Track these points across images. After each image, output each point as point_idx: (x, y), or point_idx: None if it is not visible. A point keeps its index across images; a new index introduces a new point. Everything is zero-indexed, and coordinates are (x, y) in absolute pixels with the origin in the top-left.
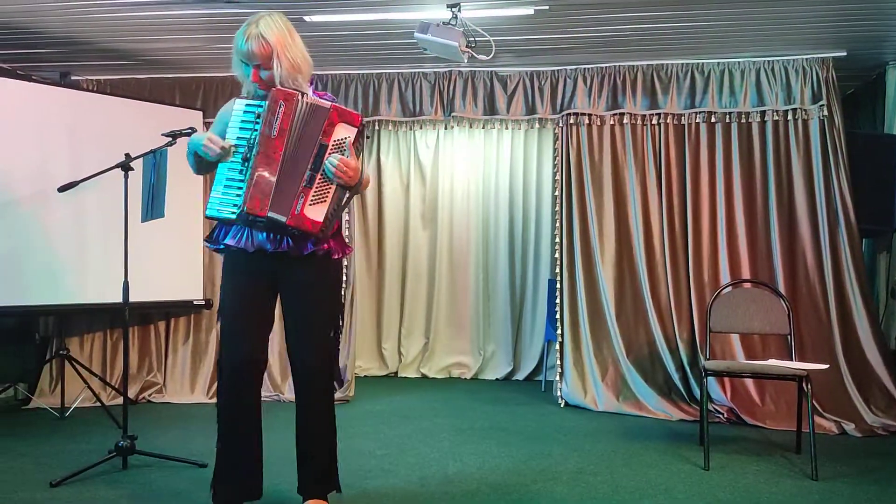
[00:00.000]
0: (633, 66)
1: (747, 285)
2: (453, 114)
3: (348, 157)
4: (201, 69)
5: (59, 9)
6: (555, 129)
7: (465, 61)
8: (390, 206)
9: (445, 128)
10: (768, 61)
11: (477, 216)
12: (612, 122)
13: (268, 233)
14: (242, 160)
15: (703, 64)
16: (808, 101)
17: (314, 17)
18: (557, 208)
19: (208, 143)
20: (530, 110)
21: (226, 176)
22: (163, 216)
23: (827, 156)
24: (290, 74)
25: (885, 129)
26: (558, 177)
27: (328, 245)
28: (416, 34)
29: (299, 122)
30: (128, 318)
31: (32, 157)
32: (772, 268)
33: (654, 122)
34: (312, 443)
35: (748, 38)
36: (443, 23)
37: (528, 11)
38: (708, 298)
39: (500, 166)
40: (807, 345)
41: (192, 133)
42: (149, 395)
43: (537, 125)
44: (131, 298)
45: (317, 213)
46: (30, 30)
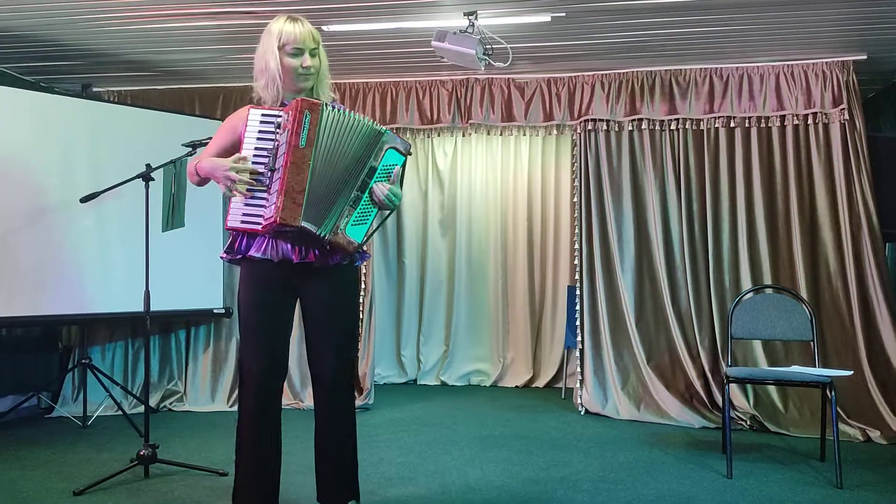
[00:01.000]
0: (651, 71)
1: (769, 291)
2: (471, 121)
3: (396, 183)
4: (220, 79)
5: (80, 22)
6: (573, 135)
7: (483, 69)
8: (409, 214)
9: (463, 135)
10: (788, 65)
11: (495, 223)
12: (630, 128)
13: (293, 243)
14: (266, 170)
15: (721, 69)
16: (829, 104)
17: (332, 27)
18: (576, 215)
19: (234, 174)
20: (548, 117)
21: (247, 186)
22: (183, 225)
23: (848, 160)
24: (325, 73)
25: None
26: (577, 183)
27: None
28: (433, 42)
29: (332, 133)
30: (149, 327)
31: (55, 169)
32: (794, 273)
33: (672, 127)
34: (334, 451)
35: (767, 42)
36: (460, 31)
37: (545, 18)
38: (729, 304)
39: (519, 173)
40: (830, 351)
41: None
42: (170, 404)
43: (555, 132)
44: (152, 307)
45: (357, 233)
46: (51, 43)
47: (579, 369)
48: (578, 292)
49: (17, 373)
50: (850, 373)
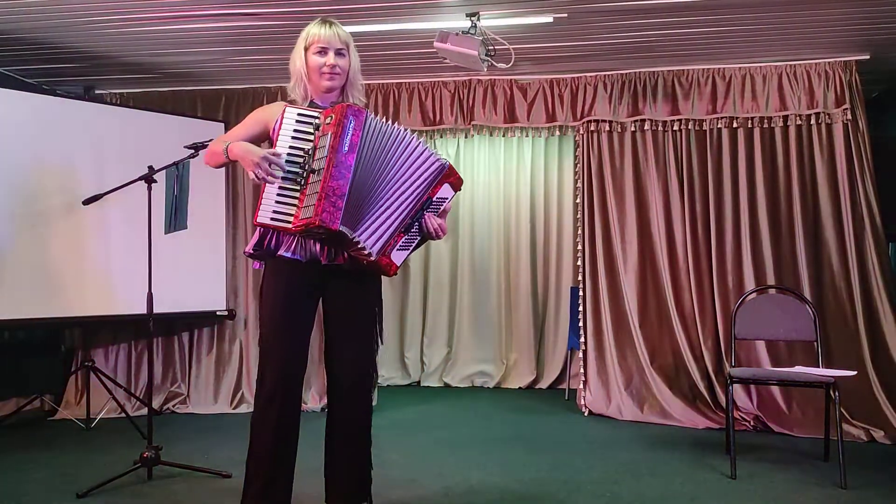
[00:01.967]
0: (653, 72)
1: (772, 291)
2: (473, 122)
3: (443, 217)
4: (222, 81)
5: (83, 24)
6: (575, 136)
7: (485, 70)
8: None
9: (466, 136)
10: (790, 65)
11: (498, 224)
12: (633, 129)
13: (322, 245)
14: (301, 170)
15: (724, 69)
16: (832, 105)
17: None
18: (579, 216)
19: (266, 164)
20: (550, 118)
21: (279, 185)
22: (186, 227)
23: (851, 160)
24: (355, 76)
25: None
26: (580, 184)
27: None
28: (435, 43)
29: (376, 142)
30: (152, 329)
31: (57, 171)
32: (797, 273)
33: (675, 128)
34: (353, 453)
35: (770, 42)
36: (462, 32)
37: (547, 19)
38: (732, 305)
39: (521, 174)
40: (834, 351)
41: None
42: (173, 406)
43: (558, 132)
44: (155, 309)
45: (399, 257)
46: (54, 45)
47: (582, 370)
48: (581, 293)
49: (20, 375)
50: (854, 373)
